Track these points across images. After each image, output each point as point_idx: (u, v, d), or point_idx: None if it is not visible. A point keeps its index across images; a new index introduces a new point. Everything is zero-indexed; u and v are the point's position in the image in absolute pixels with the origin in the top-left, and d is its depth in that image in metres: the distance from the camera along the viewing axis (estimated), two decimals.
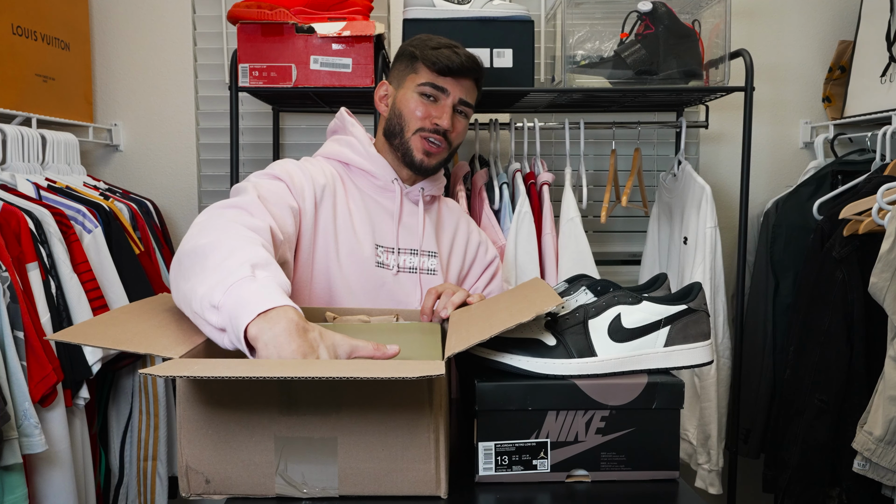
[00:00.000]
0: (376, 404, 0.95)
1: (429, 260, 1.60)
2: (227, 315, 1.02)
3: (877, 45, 2.27)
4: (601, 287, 1.15)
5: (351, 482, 0.96)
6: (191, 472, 0.98)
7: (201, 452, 0.98)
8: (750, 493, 2.58)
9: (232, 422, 0.97)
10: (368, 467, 0.96)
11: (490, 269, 1.76)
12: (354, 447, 0.96)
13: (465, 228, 1.74)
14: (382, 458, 0.96)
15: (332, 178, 1.56)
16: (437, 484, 0.96)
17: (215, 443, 0.97)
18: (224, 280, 1.05)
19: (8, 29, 1.98)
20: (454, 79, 1.56)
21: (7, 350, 1.57)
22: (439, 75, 1.55)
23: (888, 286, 1.63)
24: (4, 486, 1.54)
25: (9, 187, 1.83)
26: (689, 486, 1.05)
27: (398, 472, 0.96)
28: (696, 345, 1.07)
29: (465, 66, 1.55)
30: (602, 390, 1.02)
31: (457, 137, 1.60)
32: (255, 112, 2.60)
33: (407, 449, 0.96)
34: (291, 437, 0.96)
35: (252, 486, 0.98)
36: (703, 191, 2.17)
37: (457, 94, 1.56)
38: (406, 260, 1.57)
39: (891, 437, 1.59)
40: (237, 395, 0.97)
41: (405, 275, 1.57)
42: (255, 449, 0.97)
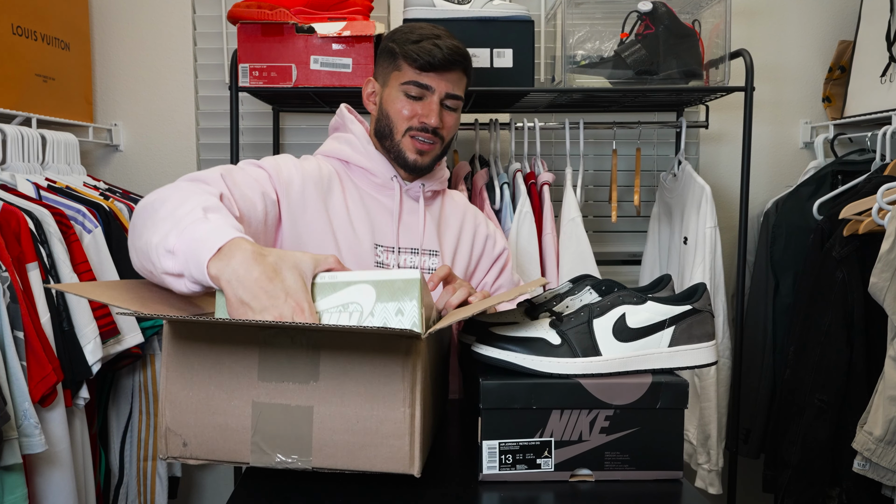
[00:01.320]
0: (354, 375, 0.95)
1: (430, 259, 1.57)
2: (182, 259, 1.04)
3: (877, 45, 2.27)
4: (606, 287, 1.15)
5: (325, 453, 0.96)
6: (169, 434, 0.99)
7: (181, 415, 0.99)
8: (750, 493, 2.58)
9: (213, 385, 0.98)
10: (343, 439, 0.96)
11: (498, 262, 1.71)
12: (329, 418, 0.96)
13: (472, 222, 1.69)
14: (357, 431, 0.96)
15: (330, 176, 1.53)
16: (410, 461, 0.95)
17: (195, 405, 0.98)
18: (177, 225, 1.06)
19: (8, 29, 1.98)
20: (438, 74, 1.50)
21: (7, 350, 1.56)
22: (422, 72, 1.49)
23: (888, 286, 1.63)
24: (4, 486, 1.54)
25: (9, 187, 1.82)
26: (692, 486, 1.05)
27: (372, 447, 0.95)
28: (700, 345, 1.07)
29: (447, 60, 1.48)
30: (606, 390, 1.02)
31: (448, 132, 1.55)
32: (255, 112, 2.60)
33: (382, 423, 0.95)
34: (269, 404, 0.97)
35: (227, 452, 0.98)
36: (703, 191, 2.18)
37: (442, 89, 1.51)
38: (406, 259, 1.55)
39: (891, 437, 1.59)
40: (219, 359, 0.98)
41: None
42: (233, 414, 0.97)
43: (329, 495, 1.01)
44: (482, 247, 1.69)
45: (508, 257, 1.73)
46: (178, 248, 1.04)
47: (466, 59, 1.53)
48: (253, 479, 1.07)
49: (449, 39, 1.51)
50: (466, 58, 1.53)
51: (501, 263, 1.71)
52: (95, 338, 1.75)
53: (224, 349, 0.98)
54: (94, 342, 1.75)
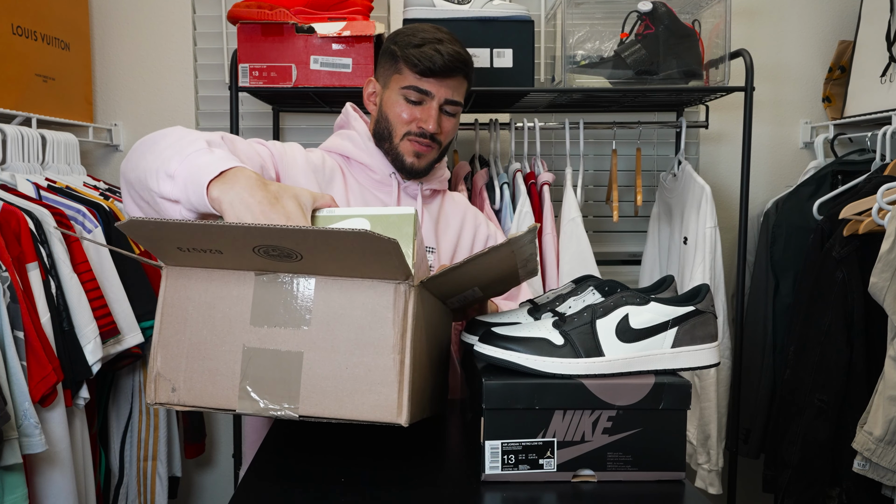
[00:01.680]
0: (345, 321, 0.95)
1: (427, 256, 1.58)
2: (182, 183, 1.06)
3: (877, 45, 2.27)
4: (609, 287, 1.15)
5: (313, 401, 0.95)
6: (159, 380, 0.99)
7: (172, 360, 0.98)
8: (750, 493, 2.59)
9: (205, 329, 0.98)
10: (331, 386, 0.95)
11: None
12: (319, 364, 0.95)
13: (473, 222, 1.71)
14: (346, 377, 0.95)
15: (332, 169, 1.55)
16: (398, 409, 0.94)
17: (187, 350, 0.98)
18: (180, 152, 1.09)
19: (8, 29, 1.97)
20: (438, 80, 1.50)
21: (7, 350, 1.56)
22: (422, 77, 1.50)
23: (888, 286, 1.63)
24: (4, 486, 1.54)
25: (9, 187, 1.82)
26: (694, 487, 1.05)
27: (360, 394, 0.94)
28: (703, 346, 1.07)
29: (448, 66, 1.49)
30: (609, 390, 1.02)
31: (446, 137, 1.57)
32: (255, 112, 2.59)
33: (371, 370, 0.94)
34: (259, 349, 0.96)
35: (215, 398, 0.98)
36: (702, 191, 2.18)
37: (442, 94, 1.51)
38: None
39: (891, 437, 1.59)
40: (213, 303, 0.98)
41: None
42: (223, 359, 0.97)
43: (331, 495, 1.01)
44: (483, 246, 1.69)
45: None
46: (179, 173, 1.07)
47: (468, 65, 1.53)
48: (255, 480, 1.07)
49: (451, 45, 1.50)
50: (468, 63, 1.53)
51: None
52: (95, 338, 1.75)
53: (219, 294, 0.98)
54: (95, 342, 1.75)
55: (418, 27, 1.55)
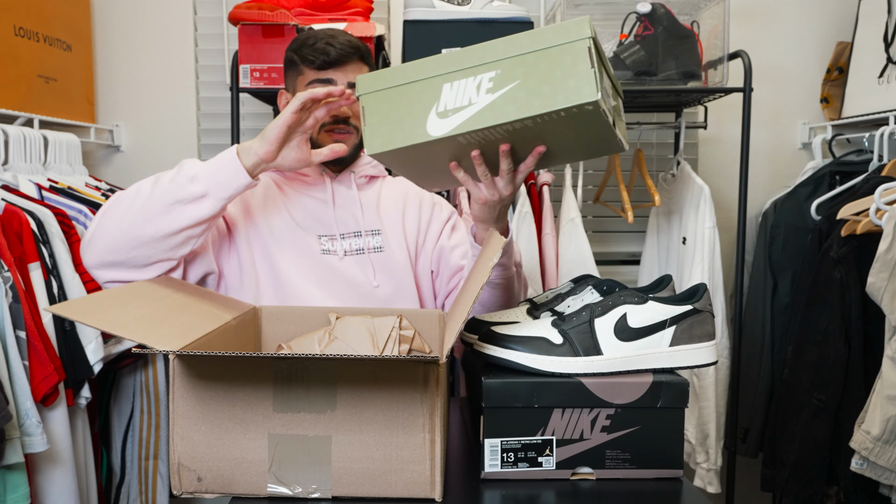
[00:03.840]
0: (371, 403, 0.95)
1: (373, 238, 1.61)
2: (205, 176, 1.29)
3: (874, 47, 2.28)
4: (607, 287, 1.16)
5: (345, 482, 0.96)
6: (183, 470, 0.98)
7: (194, 449, 0.98)
8: (748, 491, 2.59)
9: (225, 418, 0.97)
10: (362, 467, 0.96)
11: (449, 223, 1.72)
12: (349, 446, 0.96)
13: (417, 195, 1.72)
14: (377, 458, 0.96)
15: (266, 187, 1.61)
16: (431, 486, 0.96)
17: (208, 440, 0.97)
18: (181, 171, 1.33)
19: (10, 30, 1.98)
20: (337, 69, 1.54)
21: (9, 350, 1.57)
22: (321, 70, 1.55)
23: (886, 286, 1.64)
24: (6, 486, 1.55)
25: (11, 188, 1.83)
26: (692, 484, 1.06)
27: (392, 474, 0.96)
28: (701, 345, 1.08)
29: (343, 53, 1.53)
30: (608, 389, 1.03)
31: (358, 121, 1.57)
32: (255, 113, 2.60)
33: (402, 449, 0.95)
34: (285, 435, 0.96)
35: (244, 485, 0.98)
36: (701, 191, 2.19)
37: (345, 79, 1.55)
38: (351, 243, 1.59)
39: (888, 436, 1.60)
40: (232, 392, 0.97)
41: (352, 257, 1.58)
42: (249, 447, 0.97)
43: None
44: (430, 213, 1.70)
45: (458, 219, 1.74)
46: (199, 172, 1.29)
47: (362, 50, 1.57)
48: None
49: (343, 37, 1.56)
50: (362, 49, 1.57)
51: (451, 224, 1.72)
52: (97, 337, 1.76)
53: (237, 382, 0.97)
54: (96, 342, 1.75)
55: (311, 33, 1.59)
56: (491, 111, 1.12)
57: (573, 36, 1.08)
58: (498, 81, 1.12)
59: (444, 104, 1.15)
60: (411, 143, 1.17)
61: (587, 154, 1.29)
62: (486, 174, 1.27)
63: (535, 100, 1.09)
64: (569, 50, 1.09)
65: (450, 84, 1.15)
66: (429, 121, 1.16)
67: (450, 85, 1.15)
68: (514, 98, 1.11)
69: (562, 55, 1.09)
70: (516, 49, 1.11)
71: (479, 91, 1.13)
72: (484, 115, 1.12)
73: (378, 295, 1.56)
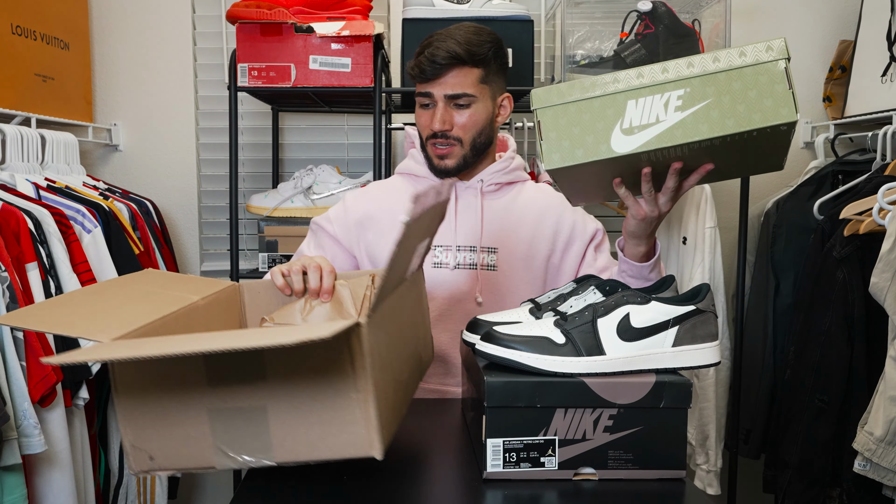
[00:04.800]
0: (301, 370, 0.94)
1: (488, 256, 1.60)
2: None
3: (877, 45, 2.27)
4: (610, 287, 1.15)
5: (286, 448, 0.96)
6: (134, 451, 0.98)
7: (142, 430, 0.98)
8: (750, 493, 2.58)
9: (165, 398, 0.97)
10: (301, 432, 0.95)
11: (593, 242, 1.66)
12: (285, 414, 0.95)
13: (557, 210, 1.64)
14: (313, 422, 0.95)
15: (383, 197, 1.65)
16: (369, 444, 0.94)
17: (153, 420, 0.98)
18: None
19: (7, 29, 1.97)
20: (434, 80, 1.54)
21: (7, 350, 1.56)
22: (422, 83, 1.56)
23: (889, 286, 1.63)
24: (4, 487, 1.54)
25: (8, 187, 1.82)
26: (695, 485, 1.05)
27: (331, 436, 0.95)
28: (704, 345, 1.07)
29: (438, 64, 1.52)
30: (610, 389, 1.02)
31: (464, 131, 1.57)
32: (254, 112, 2.59)
33: (336, 412, 0.94)
34: (223, 409, 0.96)
35: (193, 459, 0.98)
36: (702, 191, 2.18)
37: (441, 91, 1.54)
38: (465, 256, 1.59)
39: (891, 437, 1.59)
40: (167, 372, 0.97)
41: (463, 270, 1.58)
42: (191, 423, 0.97)
43: (332, 494, 1.01)
44: (569, 233, 1.64)
45: (603, 237, 1.68)
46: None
47: (467, 54, 1.53)
48: (254, 481, 1.07)
49: (444, 41, 1.53)
50: (462, 53, 1.53)
51: (595, 243, 1.66)
52: None
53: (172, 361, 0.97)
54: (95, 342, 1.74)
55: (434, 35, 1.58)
56: (682, 129, 1.14)
57: (769, 56, 1.12)
58: (688, 99, 1.14)
59: (629, 121, 1.16)
60: (594, 160, 1.18)
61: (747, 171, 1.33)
62: (651, 191, 1.28)
63: (730, 119, 1.12)
64: (765, 70, 1.12)
65: (635, 101, 1.16)
66: (613, 137, 1.17)
67: (635, 102, 1.16)
68: (707, 116, 1.12)
69: (757, 75, 1.12)
70: (706, 67, 1.13)
71: (668, 108, 1.14)
72: (674, 133, 1.14)
73: (481, 311, 1.56)
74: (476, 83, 1.56)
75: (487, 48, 1.55)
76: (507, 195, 1.66)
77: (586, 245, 1.65)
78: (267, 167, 2.60)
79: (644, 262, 1.43)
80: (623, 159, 1.18)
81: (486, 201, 1.63)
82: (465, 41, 1.53)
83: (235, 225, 2.14)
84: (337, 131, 2.64)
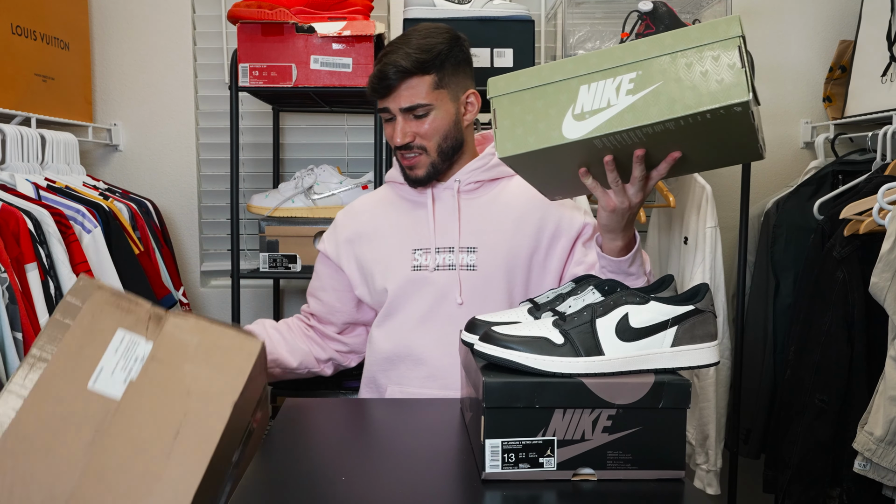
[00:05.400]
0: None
1: (468, 256, 1.58)
2: None
3: (877, 45, 2.27)
4: (608, 287, 1.15)
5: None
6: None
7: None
8: (750, 493, 2.58)
9: None
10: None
11: (581, 238, 1.62)
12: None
13: (542, 204, 1.58)
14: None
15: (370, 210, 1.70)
16: None
17: None
18: None
19: (7, 28, 1.97)
20: (388, 95, 1.55)
21: (7, 351, 1.56)
22: (378, 99, 1.57)
23: (889, 286, 1.63)
24: None
25: (8, 187, 1.82)
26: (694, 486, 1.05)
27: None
28: (703, 345, 1.07)
29: (388, 78, 1.52)
30: (609, 389, 1.02)
31: (427, 139, 1.56)
32: (255, 112, 2.59)
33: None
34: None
35: None
36: (703, 190, 2.17)
37: (396, 105, 1.54)
38: (445, 258, 1.59)
39: (891, 437, 1.59)
40: None
41: (443, 272, 1.59)
42: None
43: (331, 495, 1.01)
44: (554, 228, 1.61)
45: (594, 231, 1.62)
46: None
47: (415, 65, 1.52)
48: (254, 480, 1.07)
49: (392, 55, 1.52)
50: (415, 62, 1.51)
51: (584, 238, 1.63)
52: None
53: None
54: None
55: (389, 44, 1.59)
56: (632, 113, 1.09)
57: (722, 34, 1.06)
58: (639, 82, 1.09)
59: (581, 106, 1.12)
60: (545, 146, 1.14)
61: (723, 162, 1.26)
62: (616, 181, 1.25)
63: (679, 101, 1.07)
64: (717, 48, 1.06)
65: (587, 85, 1.12)
66: (564, 123, 1.13)
67: (587, 86, 1.12)
68: (657, 99, 1.08)
69: (709, 54, 1.06)
70: (659, 49, 1.08)
71: (619, 92, 1.10)
72: (624, 118, 1.10)
73: (463, 311, 1.56)
74: (430, 91, 1.54)
75: (438, 51, 1.53)
76: (488, 193, 1.65)
77: (573, 241, 1.62)
78: (267, 167, 2.60)
79: (622, 257, 1.40)
80: (577, 146, 1.14)
81: (465, 200, 1.63)
82: (414, 49, 1.52)
83: (236, 225, 2.14)
84: (337, 131, 2.64)
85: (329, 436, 1.28)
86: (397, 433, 1.26)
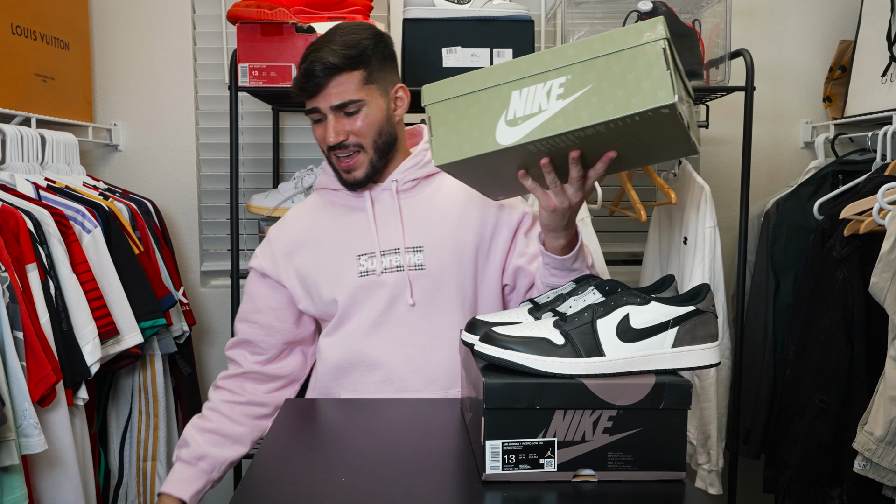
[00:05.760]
0: None
1: (414, 256, 1.56)
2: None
3: (877, 45, 2.27)
4: (609, 287, 1.15)
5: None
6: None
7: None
8: (751, 493, 2.58)
9: None
10: None
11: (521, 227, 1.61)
12: None
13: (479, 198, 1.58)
14: None
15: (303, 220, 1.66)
16: None
17: None
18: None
19: (7, 29, 1.97)
20: (317, 94, 1.51)
21: (7, 350, 1.56)
22: (307, 99, 1.53)
23: (889, 286, 1.63)
24: (3, 487, 1.53)
25: (8, 187, 1.82)
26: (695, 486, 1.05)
27: None
28: (703, 346, 1.07)
29: (316, 77, 1.48)
30: (610, 390, 1.02)
31: (362, 136, 1.54)
32: (254, 112, 2.59)
33: None
34: None
35: None
36: (702, 190, 2.17)
37: (326, 104, 1.51)
38: (391, 260, 1.56)
39: (891, 437, 1.59)
40: None
41: (391, 275, 1.56)
42: None
43: (331, 495, 1.01)
44: (495, 218, 1.61)
45: (534, 221, 1.62)
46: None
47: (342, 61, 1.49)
48: (255, 480, 1.07)
49: (318, 53, 1.49)
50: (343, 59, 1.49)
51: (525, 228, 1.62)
52: (94, 338, 1.74)
53: None
54: (93, 342, 1.74)
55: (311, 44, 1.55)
56: (563, 118, 1.10)
57: (646, 38, 1.06)
58: (569, 87, 1.10)
59: (513, 112, 1.13)
60: (480, 153, 1.15)
61: (659, 158, 1.28)
62: (555, 182, 1.25)
63: (609, 105, 1.07)
64: (642, 52, 1.06)
65: (519, 91, 1.13)
66: (498, 129, 1.14)
67: (519, 92, 1.13)
68: (587, 103, 1.08)
69: (635, 57, 1.07)
70: (587, 53, 1.09)
71: (550, 97, 1.11)
72: (555, 122, 1.10)
73: (415, 312, 1.55)
74: (360, 86, 1.52)
75: (364, 47, 1.51)
76: (426, 189, 1.63)
77: (514, 232, 1.61)
78: (267, 167, 2.60)
79: (565, 255, 1.40)
80: (512, 151, 1.15)
81: (404, 200, 1.61)
82: (339, 46, 1.49)
83: (236, 225, 2.14)
84: None
85: (329, 436, 1.28)
86: (397, 433, 1.25)
